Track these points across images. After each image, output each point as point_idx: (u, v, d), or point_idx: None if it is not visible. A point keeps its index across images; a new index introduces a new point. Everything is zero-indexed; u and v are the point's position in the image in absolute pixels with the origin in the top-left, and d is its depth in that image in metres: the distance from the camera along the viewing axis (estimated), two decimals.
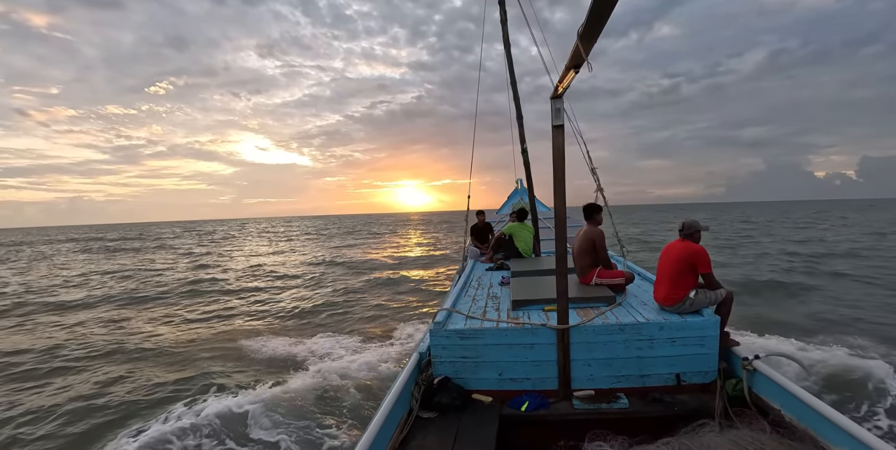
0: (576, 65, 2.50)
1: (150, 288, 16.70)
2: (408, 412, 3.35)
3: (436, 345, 3.70)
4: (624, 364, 3.64)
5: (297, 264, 22.68)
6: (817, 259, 17.92)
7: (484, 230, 8.66)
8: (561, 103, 3.27)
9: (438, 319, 3.82)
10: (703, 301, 3.76)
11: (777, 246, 23.38)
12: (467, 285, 5.53)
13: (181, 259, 27.71)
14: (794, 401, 3.03)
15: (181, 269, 22.50)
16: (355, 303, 12.62)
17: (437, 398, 3.43)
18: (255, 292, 15.15)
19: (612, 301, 4.16)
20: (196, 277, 19.11)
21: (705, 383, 3.63)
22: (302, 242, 39.90)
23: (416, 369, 3.71)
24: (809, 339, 7.56)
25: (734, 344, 3.76)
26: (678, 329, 3.61)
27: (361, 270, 19.87)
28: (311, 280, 17.28)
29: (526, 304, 4.21)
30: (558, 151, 3.34)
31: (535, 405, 3.47)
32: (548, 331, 3.60)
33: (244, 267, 22.22)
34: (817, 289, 12.43)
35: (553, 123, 3.30)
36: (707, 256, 3.77)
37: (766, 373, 3.31)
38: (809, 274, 14.87)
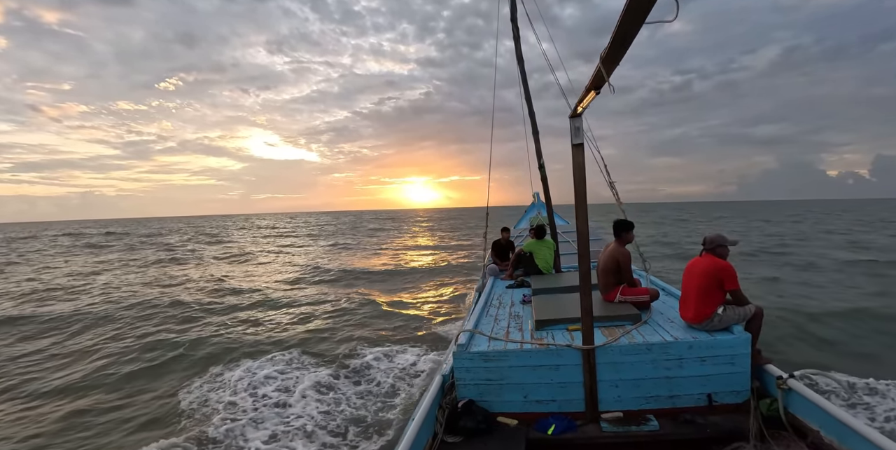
0: (596, 86, 2.50)
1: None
2: (432, 437, 3.31)
3: (459, 368, 3.66)
4: (653, 385, 3.55)
5: (276, 277, 17.71)
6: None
7: (506, 248, 8.60)
8: (580, 122, 3.25)
9: (461, 342, 3.79)
10: (731, 318, 3.67)
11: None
12: (488, 304, 5.48)
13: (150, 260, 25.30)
14: (833, 422, 2.91)
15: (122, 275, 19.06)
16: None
17: (462, 422, 3.38)
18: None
19: (637, 319, 4.09)
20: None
21: (738, 402, 3.52)
22: (301, 243, 36.39)
23: (439, 392, 3.67)
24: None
25: (767, 362, 3.65)
26: (708, 348, 3.52)
27: (351, 286, 15.17)
28: (286, 304, 12.44)
29: (550, 323, 4.15)
30: (579, 169, 3.33)
31: (561, 428, 3.40)
32: (573, 352, 3.54)
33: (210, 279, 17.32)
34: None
35: (573, 141, 3.29)
36: (734, 272, 3.68)
37: (803, 392, 3.20)
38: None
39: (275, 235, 48.35)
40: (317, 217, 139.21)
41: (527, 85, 7.75)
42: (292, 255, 27.30)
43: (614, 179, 5.11)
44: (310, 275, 17.91)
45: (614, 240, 4.76)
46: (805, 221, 46.60)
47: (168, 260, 25.18)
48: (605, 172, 5.03)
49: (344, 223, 78.54)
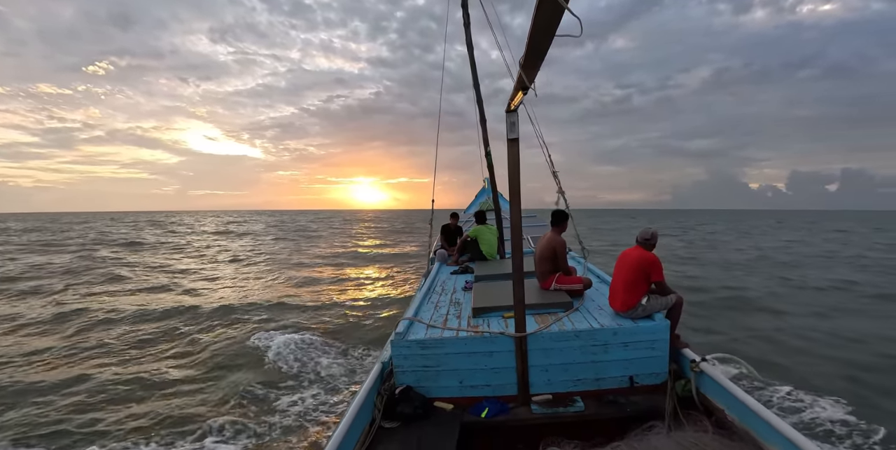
0: (523, 87, 2.59)
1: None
2: (370, 423, 3.41)
3: (397, 355, 3.77)
4: (580, 368, 3.78)
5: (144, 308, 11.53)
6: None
7: (454, 233, 8.73)
8: (516, 117, 3.32)
9: (399, 330, 3.89)
10: (655, 306, 3.94)
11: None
12: (431, 291, 5.60)
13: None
14: (736, 402, 3.20)
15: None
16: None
17: (399, 408, 3.50)
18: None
19: (569, 307, 4.30)
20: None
21: (657, 384, 3.80)
22: (218, 248, 29.56)
23: (378, 378, 3.76)
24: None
25: (684, 346, 3.94)
26: (631, 334, 3.76)
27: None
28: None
29: (487, 311, 4.31)
30: (514, 164, 3.40)
31: (494, 411, 3.58)
32: (506, 339, 3.71)
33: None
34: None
35: (508, 136, 3.36)
36: (660, 265, 3.94)
37: (712, 374, 3.48)
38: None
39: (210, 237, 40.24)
40: (259, 216, 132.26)
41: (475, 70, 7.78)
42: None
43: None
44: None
45: (551, 229, 4.94)
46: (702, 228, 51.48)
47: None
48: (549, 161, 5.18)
49: (284, 224, 71.47)
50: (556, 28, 1.76)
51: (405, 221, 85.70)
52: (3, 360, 7.64)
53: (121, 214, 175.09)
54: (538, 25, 1.75)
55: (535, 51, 2.01)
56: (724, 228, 49.75)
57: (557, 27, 1.76)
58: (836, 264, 19.68)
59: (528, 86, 2.29)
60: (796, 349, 7.74)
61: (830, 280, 15.25)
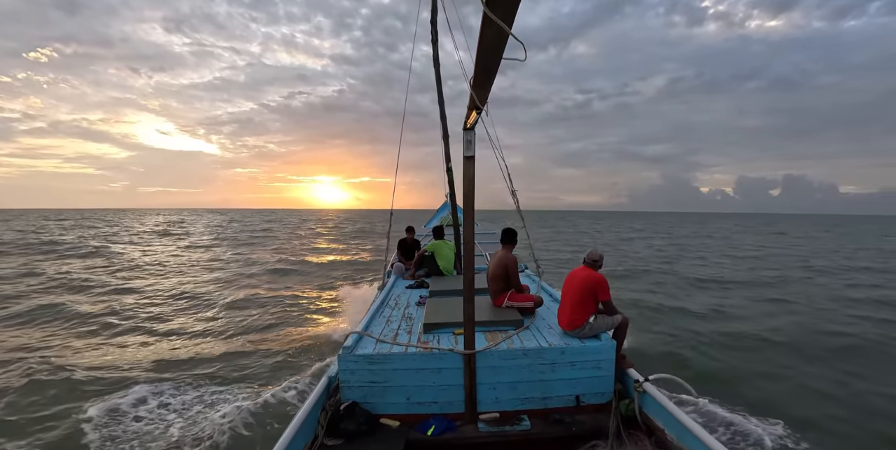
0: (476, 107, 2.63)
1: None
2: (312, 440, 3.32)
3: (344, 370, 3.70)
4: (528, 387, 3.80)
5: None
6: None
7: (412, 247, 8.70)
8: (472, 135, 3.31)
9: (347, 344, 3.82)
10: (601, 326, 4.02)
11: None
12: (384, 305, 5.55)
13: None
14: (674, 422, 3.28)
15: None
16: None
17: (343, 424, 3.42)
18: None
19: (519, 325, 4.34)
20: None
21: (602, 403, 3.86)
22: (139, 251, 25.79)
23: (324, 393, 3.68)
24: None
25: (629, 366, 4.03)
26: (578, 353, 3.82)
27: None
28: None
29: (437, 327, 4.29)
30: (468, 181, 3.33)
31: (441, 429, 3.55)
32: (455, 356, 3.70)
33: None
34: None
35: (464, 153, 3.29)
36: (607, 285, 4.03)
37: (654, 395, 3.57)
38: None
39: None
40: (211, 215, 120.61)
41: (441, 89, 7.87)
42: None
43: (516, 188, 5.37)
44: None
45: (502, 247, 4.97)
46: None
47: None
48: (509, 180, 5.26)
49: (233, 223, 65.66)
50: (502, 50, 1.80)
51: (367, 220, 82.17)
52: None
53: (60, 212, 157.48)
54: (485, 47, 1.79)
55: (484, 71, 2.05)
56: (689, 233, 49.98)
57: (504, 49, 1.80)
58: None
59: (481, 106, 2.33)
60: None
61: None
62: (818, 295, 13.48)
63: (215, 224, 63.92)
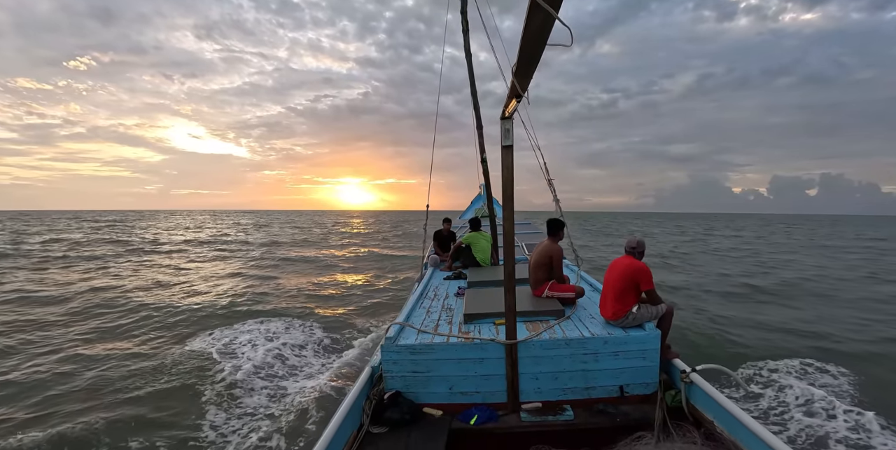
0: (517, 95, 2.61)
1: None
2: (358, 428, 3.38)
3: (387, 360, 3.75)
4: (570, 377, 3.77)
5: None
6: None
7: (447, 239, 8.74)
8: (510, 124, 3.33)
9: (390, 335, 3.87)
10: (645, 316, 3.94)
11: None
12: (423, 296, 5.59)
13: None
14: (725, 414, 3.20)
15: None
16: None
17: (387, 413, 3.48)
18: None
19: (560, 315, 4.30)
20: None
21: (647, 394, 3.79)
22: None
23: (367, 383, 3.74)
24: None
25: (674, 356, 3.94)
26: (621, 343, 3.76)
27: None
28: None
29: (478, 317, 4.30)
30: (507, 170, 3.40)
31: (483, 418, 3.56)
32: (497, 346, 3.70)
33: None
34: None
35: (502, 143, 3.35)
36: (650, 274, 3.95)
37: (702, 386, 3.48)
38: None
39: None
40: (241, 217, 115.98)
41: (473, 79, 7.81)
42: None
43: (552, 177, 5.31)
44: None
45: (548, 237, 4.95)
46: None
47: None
48: (545, 169, 5.21)
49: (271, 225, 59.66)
50: (547, 37, 1.77)
51: (396, 223, 78.99)
52: None
53: (98, 213, 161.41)
54: (529, 34, 1.76)
55: (527, 59, 2.02)
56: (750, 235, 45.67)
57: (549, 36, 1.77)
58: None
59: (522, 94, 2.30)
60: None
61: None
62: None
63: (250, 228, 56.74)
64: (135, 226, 55.86)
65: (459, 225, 10.95)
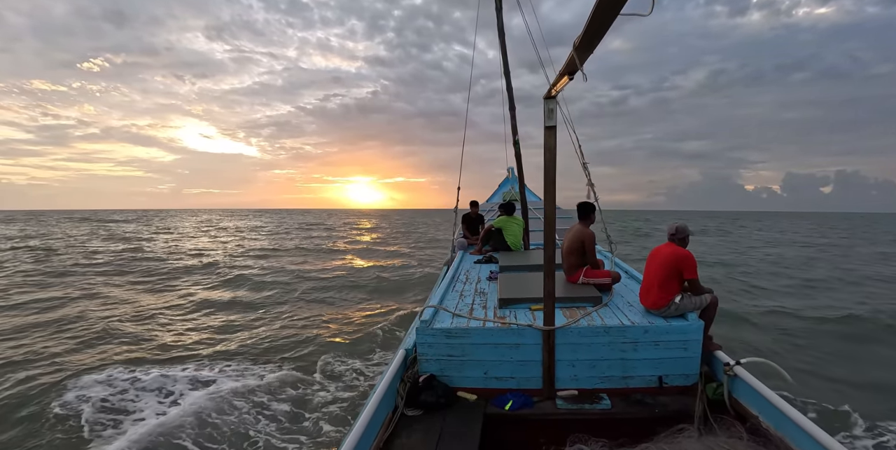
0: (570, 72, 2.48)
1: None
2: (393, 410, 3.38)
3: (422, 343, 3.72)
4: (608, 365, 3.69)
5: None
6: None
7: (476, 222, 8.67)
8: (554, 104, 3.22)
9: (425, 317, 3.83)
10: (688, 306, 3.81)
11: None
12: (455, 279, 5.54)
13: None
14: (771, 408, 3.09)
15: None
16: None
17: (422, 397, 3.46)
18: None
19: (598, 302, 4.20)
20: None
21: (686, 385, 3.70)
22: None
23: (401, 366, 3.73)
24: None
25: (717, 348, 3.82)
26: (662, 333, 3.66)
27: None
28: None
29: (513, 302, 4.23)
30: (549, 152, 3.31)
31: (518, 404, 3.52)
32: (534, 331, 3.63)
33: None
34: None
35: (546, 123, 3.26)
36: (694, 262, 3.81)
37: (747, 379, 3.37)
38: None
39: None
40: (255, 217, 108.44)
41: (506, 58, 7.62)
42: None
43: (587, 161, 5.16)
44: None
45: (579, 221, 4.82)
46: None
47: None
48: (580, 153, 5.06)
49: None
50: (622, 4, 1.63)
51: (411, 221, 76.50)
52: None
53: (114, 212, 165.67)
54: (603, 2, 1.63)
55: (595, 30, 1.88)
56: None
57: (624, 4, 1.63)
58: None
59: (579, 68, 2.17)
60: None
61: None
62: None
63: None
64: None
65: (486, 209, 10.84)
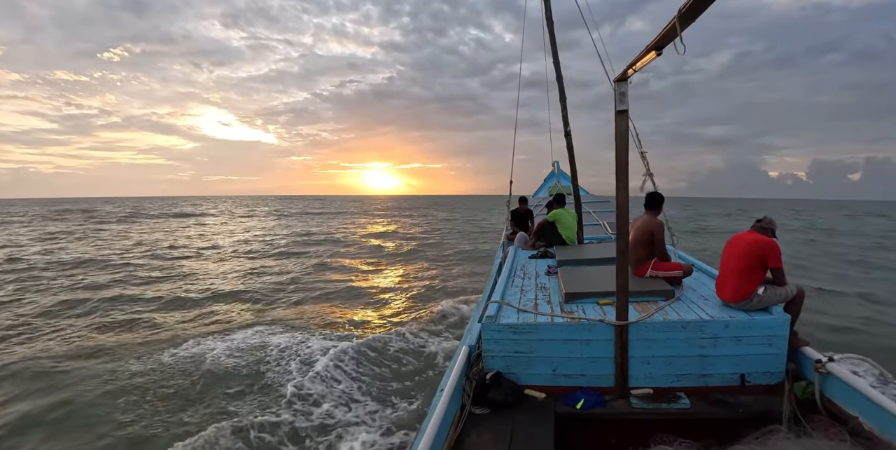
0: (658, 46, 2.30)
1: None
2: (460, 408, 3.29)
3: (487, 339, 3.61)
4: (685, 363, 3.49)
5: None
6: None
7: (525, 217, 8.54)
8: (626, 87, 3.05)
9: (490, 313, 3.72)
10: (772, 298, 3.55)
11: None
12: (512, 275, 5.41)
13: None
14: (874, 408, 2.83)
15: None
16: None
17: (490, 394, 3.35)
18: None
19: (670, 295, 3.99)
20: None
21: (771, 384, 3.45)
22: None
23: (466, 362, 3.64)
24: None
25: (804, 344, 3.55)
26: (745, 328, 3.42)
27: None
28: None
29: (579, 297, 4.07)
30: (622, 136, 3.15)
31: (591, 403, 3.36)
32: (605, 327, 3.47)
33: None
34: None
35: (616, 107, 3.10)
36: (779, 250, 3.54)
37: (842, 377, 3.10)
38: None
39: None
40: (273, 203, 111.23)
41: (555, 46, 7.42)
42: None
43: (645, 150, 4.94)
44: None
45: (645, 212, 4.60)
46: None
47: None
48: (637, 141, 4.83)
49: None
50: None
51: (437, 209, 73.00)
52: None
53: (133, 200, 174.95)
54: None
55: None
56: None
57: None
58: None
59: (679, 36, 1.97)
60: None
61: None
62: None
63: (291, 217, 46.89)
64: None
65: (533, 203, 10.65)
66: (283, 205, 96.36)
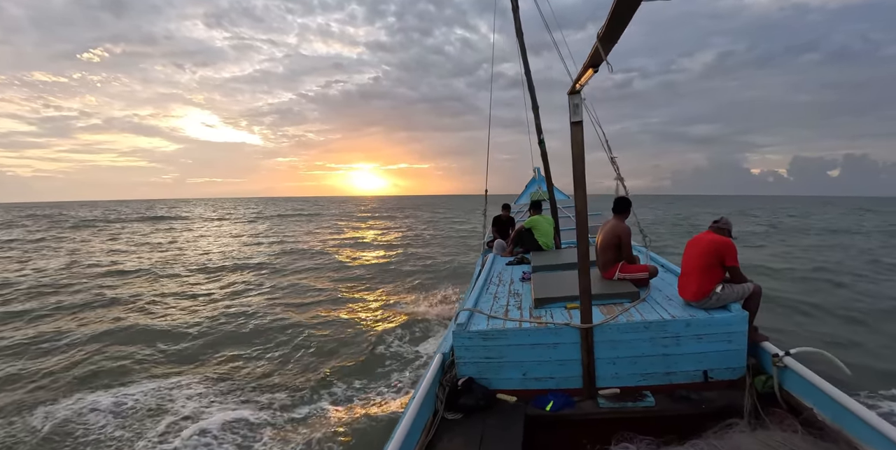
0: (594, 64, 2.45)
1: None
2: (433, 414, 3.37)
3: (459, 346, 3.71)
4: (649, 362, 3.60)
5: None
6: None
7: (507, 224, 8.65)
8: (579, 99, 3.20)
9: (461, 321, 3.82)
10: (730, 296, 3.69)
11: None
12: (488, 282, 5.52)
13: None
14: (827, 400, 2.96)
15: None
16: None
17: (462, 400, 3.44)
18: None
19: (635, 297, 4.11)
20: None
21: (733, 379, 3.58)
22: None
23: (439, 370, 3.73)
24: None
25: (763, 339, 3.69)
26: (705, 326, 3.55)
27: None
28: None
29: (548, 302, 4.18)
30: (577, 146, 3.29)
31: (559, 405, 3.46)
32: (571, 330, 3.58)
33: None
34: None
35: (571, 119, 3.25)
36: (735, 249, 3.69)
37: (798, 370, 3.24)
38: None
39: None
40: (253, 205, 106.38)
41: (526, 58, 7.59)
42: None
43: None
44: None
45: (614, 216, 4.73)
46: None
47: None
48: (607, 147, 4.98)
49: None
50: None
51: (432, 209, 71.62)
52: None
53: (113, 203, 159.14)
54: None
55: (618, 20, 1.86)
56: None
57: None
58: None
59: (604, 59, 2.13)
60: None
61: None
62: None
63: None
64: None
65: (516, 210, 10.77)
66: (265, 206, 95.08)
